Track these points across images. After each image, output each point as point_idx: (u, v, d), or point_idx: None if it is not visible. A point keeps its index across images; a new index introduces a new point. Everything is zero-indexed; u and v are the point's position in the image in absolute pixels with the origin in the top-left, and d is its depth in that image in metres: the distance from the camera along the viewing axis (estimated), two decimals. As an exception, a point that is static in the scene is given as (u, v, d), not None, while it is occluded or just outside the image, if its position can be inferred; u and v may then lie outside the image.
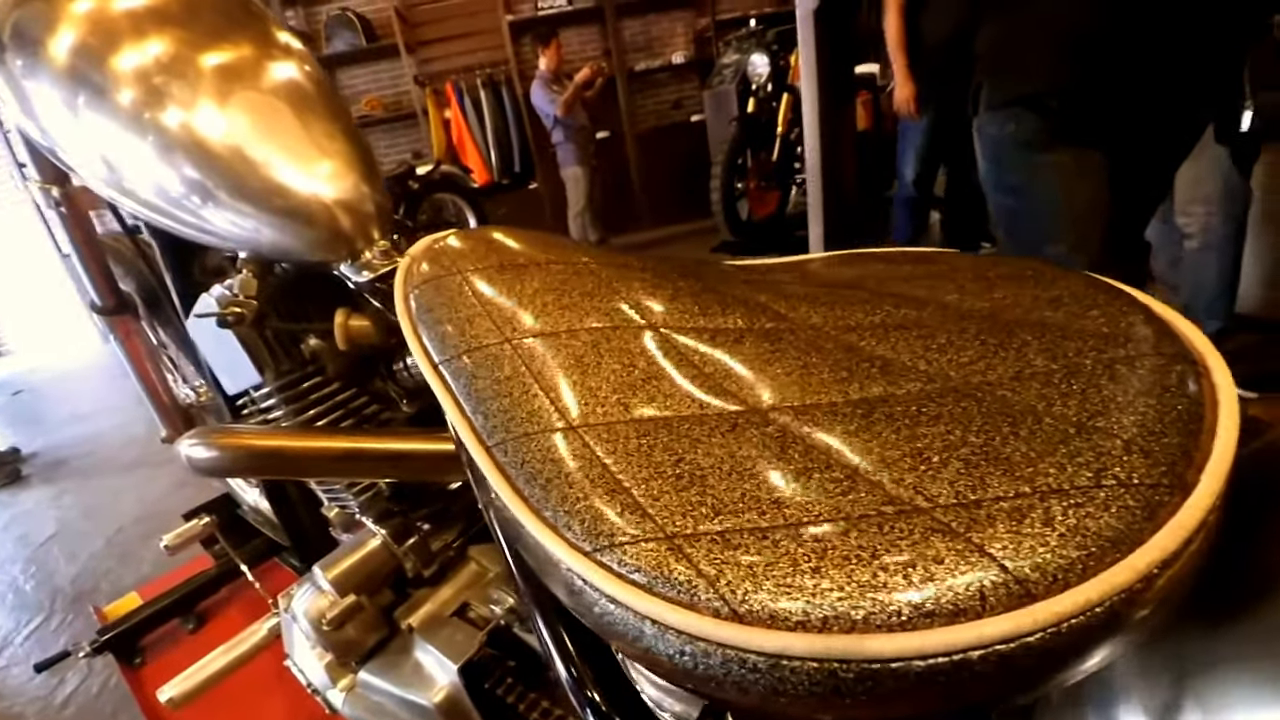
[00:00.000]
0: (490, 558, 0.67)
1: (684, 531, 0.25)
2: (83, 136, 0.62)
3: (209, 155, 0.59)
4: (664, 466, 0.28)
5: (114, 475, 3.00)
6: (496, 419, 0.32)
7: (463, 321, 0.39)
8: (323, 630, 0.61)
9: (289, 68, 0.65)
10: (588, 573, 0.25)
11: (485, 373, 0.35)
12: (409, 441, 0.56)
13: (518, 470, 0.30)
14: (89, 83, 0.61)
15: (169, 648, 1.50)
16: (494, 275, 0.42)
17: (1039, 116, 1.23)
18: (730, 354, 0.34)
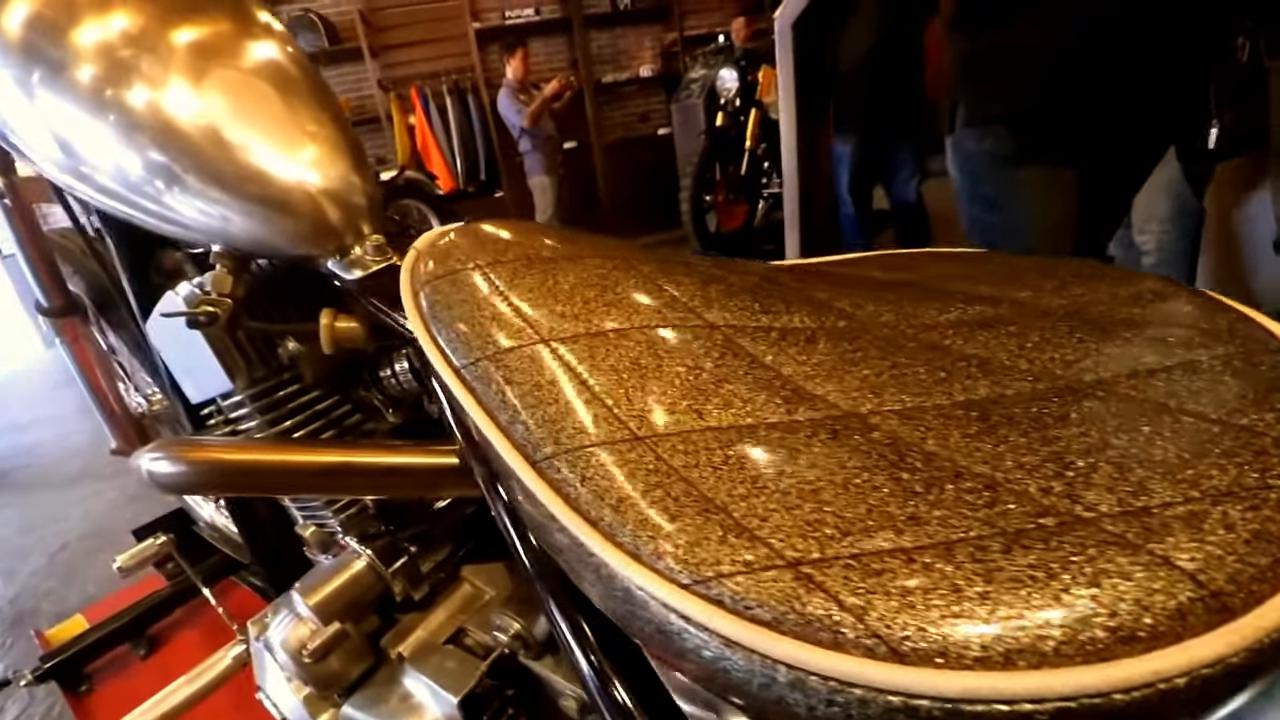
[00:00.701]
0: (486, 579, 0.62)
1: (809, 556, 0.21)
2: (38, 116, 0.57)
3: (180, 137, 0.54)
4: (762, 481, 0.24)
5: (56, 489, 2.86)
6: (542, 430, 0.29)
7: (488, 321, 0.35)
8: (303, 661, 0.56)
9: (270, 47, 0.60)
10: (691, 609, 0.21)
11: (522, 377, 0.31)
12: (402, 455, 0.51)
13: (577, 489, 0.26)
14: (44, 57, 0.56)
15: (118, 675, 1.41)
16: (520, 270, 0.38)
17: (1014, 133, 1.25)
18: (807, 354, 0.31)
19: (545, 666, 0.53)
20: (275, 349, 0.61)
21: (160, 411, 1.38)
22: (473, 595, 0.62)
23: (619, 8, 5.85)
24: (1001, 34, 1.23)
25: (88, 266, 1.14)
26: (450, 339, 0.35)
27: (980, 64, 1.30)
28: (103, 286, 1.14)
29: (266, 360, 0.62)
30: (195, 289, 0.58)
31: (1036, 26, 1.17)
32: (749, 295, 0.36)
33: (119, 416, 1.33)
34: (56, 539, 2.42)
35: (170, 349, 0.67)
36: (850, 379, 0.29)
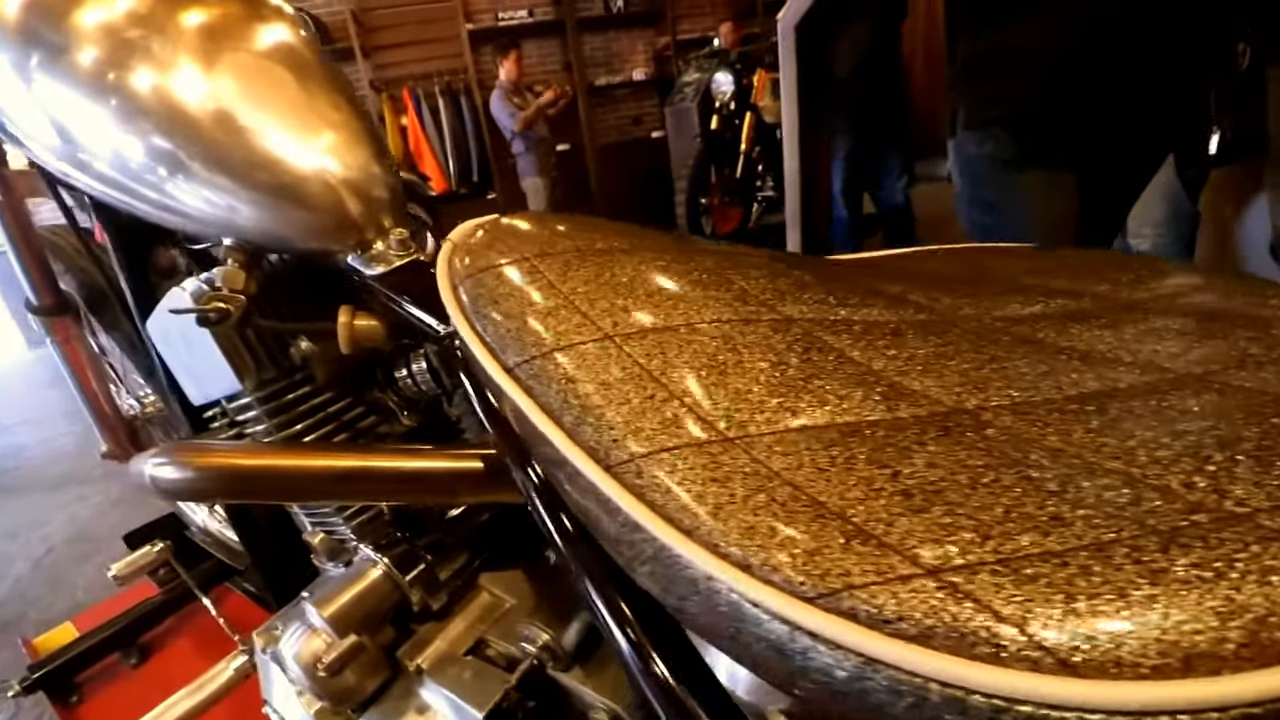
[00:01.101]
0: (505, 587, 0.60)
1: (950, 563, 0.20)
2: (37, 102, 0.55)
3: (189, 122, 0.52)
4: (878, 483, 0.23)
5: (41, 493, 2.81)
6: (615, 431, 0.27)
7: (543, 316, 0.33)
8: (318, 676, 0.53)
9: (282, 30, 0.57)
10: (819, 625, 0.20)
11: (587, 376, 0.29)
12: (423, 459, 0.49)
13: (664, 495, 0.24)
14: (43, 39, 0.53)
15: (109, 685, 1.38)
16: (572, 263, 0.36)
17: (1015, 137, 1.26)
18: (896, 349, 0.30)
19: (574, 678, 0.51)
20: (286, 348, 0.59)
21: (153, 414, 1.35)
22: (492, 604, 0.60)
23: (612, 11, 5.84)
24: (1002, 36, 1.23)
25: (80, 264, 1.11)
26: (498, 335, 0.34)
27: (981, 66, 1.30)
28: (95, 285, 1.11)
29: (277, 360, 0.59)
30: (202, 285, 0.56)
31: (1037, 29, 1.17)
32: (821, 288, 0.35)
33: (110, 419, 1.30)
34: (41, 544, 2.37)
35: (172, 348, 0.65)
36: (949, 374, 0.28)
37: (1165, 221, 1.98)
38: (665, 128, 5.31)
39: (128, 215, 0.79)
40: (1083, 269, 0.38)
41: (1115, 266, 0.37)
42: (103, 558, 2.20)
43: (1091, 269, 0.38)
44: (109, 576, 0.95)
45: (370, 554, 0.58)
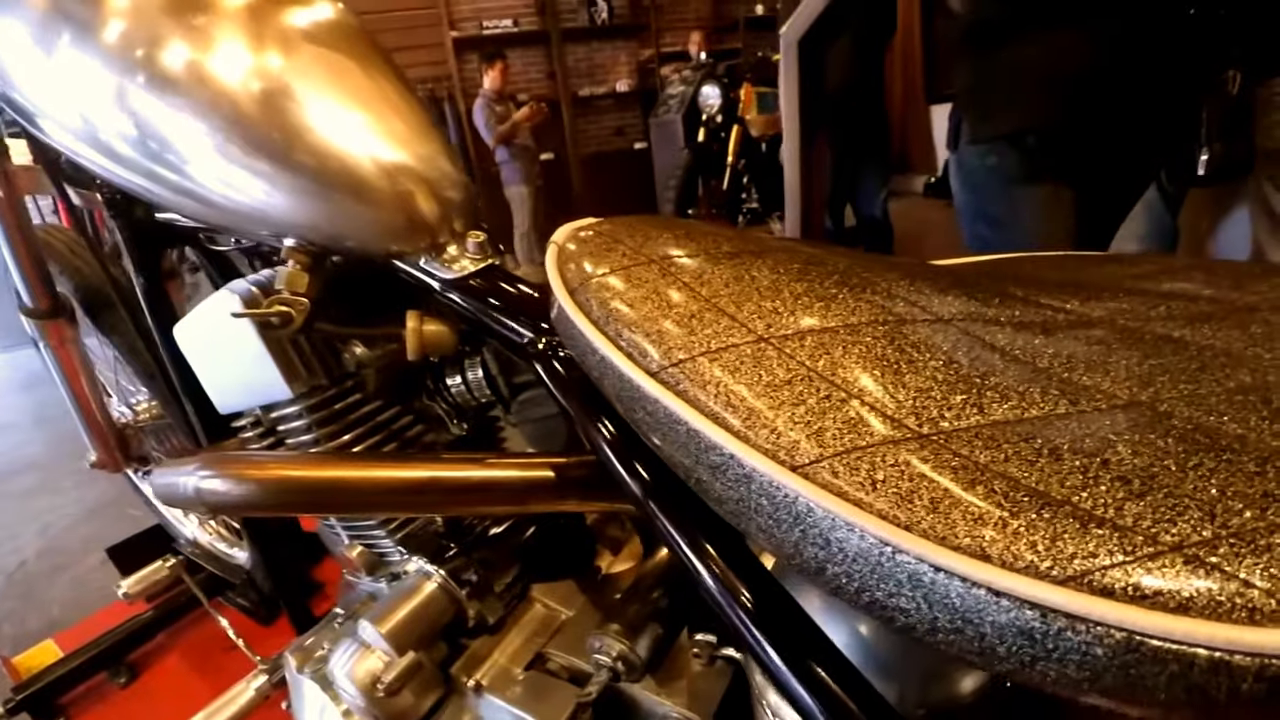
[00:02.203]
0: (559, 599, 0.58)
1: (1190, 539, 0.20)
2: (71, 85, 0.52)
3: (259, 115, 0.49)
4: (1092, 471, 0.23)
5: (10, 503, 2.71)
6: (795, 432, 0.27)
7: (687, 319, 0.32)
8: (376, 696, 0.51)
9: (342, 17, 0.54)
10: (1077, 605, 0.20)
11: (747, 378, 0.29)
12: (493, 468, 0.47)
13: (871, 492, 0.24)
14: (81, 19, 0.51)
15: (97, 705, 1.32)
16: (706, 265, 0.36)
17: (1019, 152, 1.28)
18: (1053, 347, 0.30)
19: (647, 688, 0.50)
20: (338, 354, 0.57)
21: (145, 422, 1.31)
22: (548, 617, 0.58)
23: (596, 22, 5.88)
24: (1008, 57, 1.25)
25: (75, 265, 1.07)
26: (636, 340, 0.33)
27: (987, 84, 1.32)
28: (92, 287, 1.07)
29: (328, 366, 0.57)
30: (250, 287, 0.53)
31: (1043, 49, 1.20)
32: (959, 290, 0.35)
33: (101, 427, 1.25)
34: (13, 556, 2.28)
35: (203, 354, 0.62)
36: (1113, 370, 0.28)
37: (1147, 236, 2.03)
38: (648, 139, 5.33)
39: (142, 215, 0.76)
40: (1177, 274, 0.39)
41: (1205, 270, 0.38)
42: (78, 570, 2.12)
43: (1184, 274, 0.38)
44: (119, 594, 0.91)
45: (426, 567, 0.56)
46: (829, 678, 0.30)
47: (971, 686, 0.37)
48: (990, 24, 1.26)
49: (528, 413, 0.56)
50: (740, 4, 6.16)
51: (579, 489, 0.48)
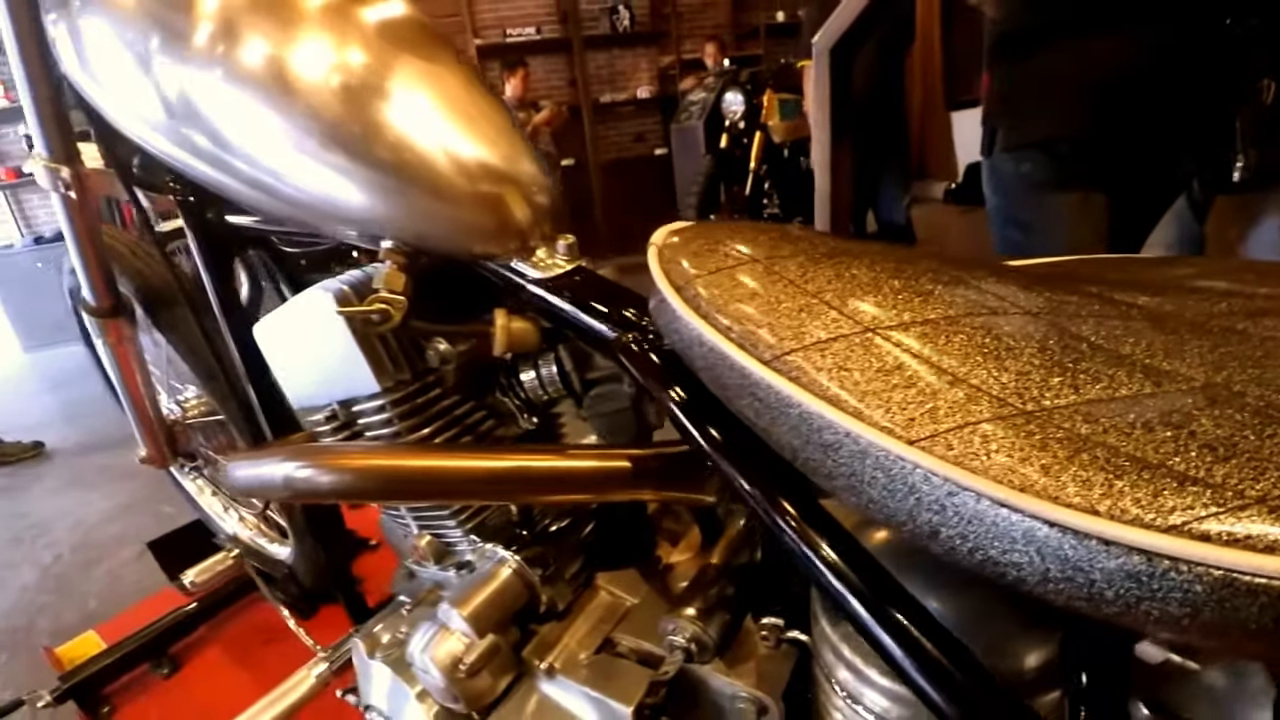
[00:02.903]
0: (623, 587, 0.61)
1: (1273, 493, 0.24)
2: (168, 86, 0.53)
3: (363, 119, 0.50)
4: (1181, 439, 0.26)
5: (42, 498, 2.76)
6: (909, 411, 0.30)
7: (798, 313, 0.35)
8: (458, 677, 0.53)
9: (424, 21, 0.55)
10: (1181, 550, 0.24)
11: (859, 364, 0.32)
12: (574, 459, 0.50)
13: (986, 461, 0.27)
14: (161, 17, 0.52)
15: (140, 696, 1.35)
16: (807, 264, 0.38)
17: (1051, 159, 1.29)
18: (1134, 336, 0.33)
19: (717, 670, 0.52)
20: (422, 351, 0.58)
21: (193, 419, 1.34)
22: (613, 604, 0.61)
23: (618, 30, 5.93)
24: (1042, 63, 1.27)
25: (135, 267, 1.10)
26: (748, 332, 0.36)
27: (1020, 91, 1.33)
28: (152, 288, 1.11)
29: (413, 362, 0.59)
30: (342, 286, 0.55)
31: (1077, 57, 1.21)
32: (1041, 285, 0.38)
33: (152, 424, 1.29)
34: (48, 551, 2.32)
35: (282, 351, 0.64)
36: (1189, 356, 0.31)
37: (1175, 243, 2.03)
38: (668, 145, 5.37)
39: (214, 218, 0.79)
40: (1231, 274, 0.41)
41: (1257, 272, 0.41)
42: (112, 564, 2.16)
43: (1237, 274, 0.41)
44: (186, 583, 0.93)
45: (502, 554, 0.59)
46: (920, 634, 0.34)
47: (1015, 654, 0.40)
48: (1024, 32, 1.28)
49: (599, 407, 0.58)
50: (760, 11, 6.21)
51: (653, 479, 0.51)
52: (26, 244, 5.20)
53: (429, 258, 0.55)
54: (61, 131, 0.81)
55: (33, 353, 5.27)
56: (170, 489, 2.47)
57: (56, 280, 3.90)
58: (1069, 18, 1.20)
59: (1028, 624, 0.40)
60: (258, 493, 0.60)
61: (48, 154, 0.82)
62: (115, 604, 1.91)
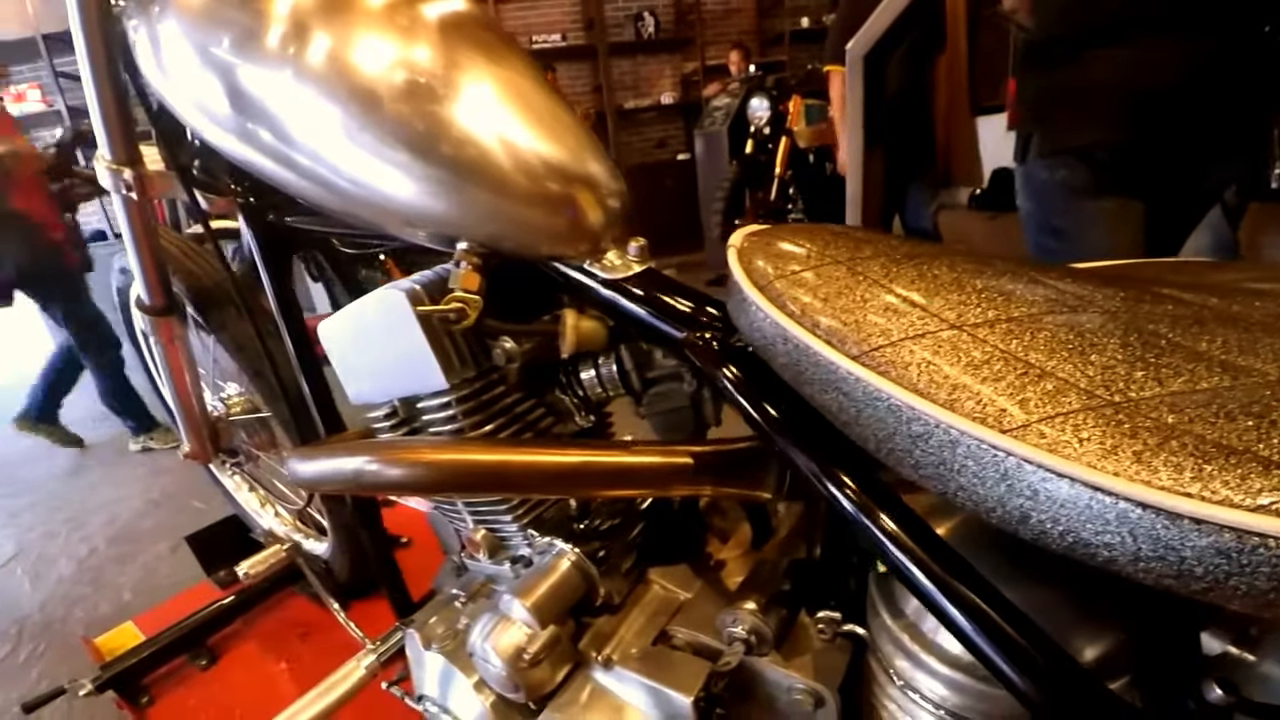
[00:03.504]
0: (676, 582, 0.62)
1: None
2: (245, 88, 0.55)
3: (441, 124, 0.51)
4: (1263, 427, 0.28)
5: (76, 493, 2.81)
6: (1000, 402, 0.31)
7: (884, 311, 0.37)
8: (520, 667, 0.55)
9: (490, 25, 0.56)
10: (1270, 527, 0.25)
11: (948, 359, 0.34)
12: (636, 454, 0.51)
13: (1079, 448, 0.29)
14: (232, 19, 0.54)
15: (178, 687, 1.37)
16: (889, 265, 0.40)
17: (1088, 166, 1.29)
18: (1209, 335, 0.34)
19: (774, 662, 0.53)
20: (488, 349, 0.60)
21: (236, 416, 1.37)
22: (666, 598, 0.62)
23: (643, 36, 5.97)
24: (1080, 71, 1.26)
25: (187, 267, 1.13)
26: (835, 329, 0.37)
27: (1057, 98, 1.33)
28: (203, 288, 1.13)
29: (478, 360, 0.60)
30: (415, 286, 0.57)
31: (1115, 66, 1.21)
32: (1113, 286, 0.39)
33: (198, 420, 1.32)
34: (83, 544, 2.37)
35: (345, 348, 0.66)
36: (1261, 352, 0.32)
37: (1209, 249, 2.02)
38: (690, 151, 5.39)
39: (274, 220, 0.81)
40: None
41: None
42: (146, 558, 2.20)
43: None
44: (240, 574, 0.95)
45: (562, 546, 0.60)
46: (1000, 618, 0.35)
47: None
48: (1060, 41, 1.27)
49: (657, 405, 0.59)
50: (784, 17, 6.22)
51: (713, 474, 0.52)
52: (62, 244, 5.31)
53: (499, 258, 0.56)
54: (125, 135, 0.84)
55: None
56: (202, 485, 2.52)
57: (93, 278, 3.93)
58: (1108, 27, 1.20)
59: (1091, 614, 0.41)
60: (323, 485, 0.61)
61: (111, 156, 0.85)
62: (149, 596, 1.94)
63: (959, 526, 0.45)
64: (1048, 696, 0.33)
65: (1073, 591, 0.41)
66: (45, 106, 4.96)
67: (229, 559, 1.66)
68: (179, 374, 1.21)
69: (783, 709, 0.53)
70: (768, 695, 0.54)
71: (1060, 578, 0.41)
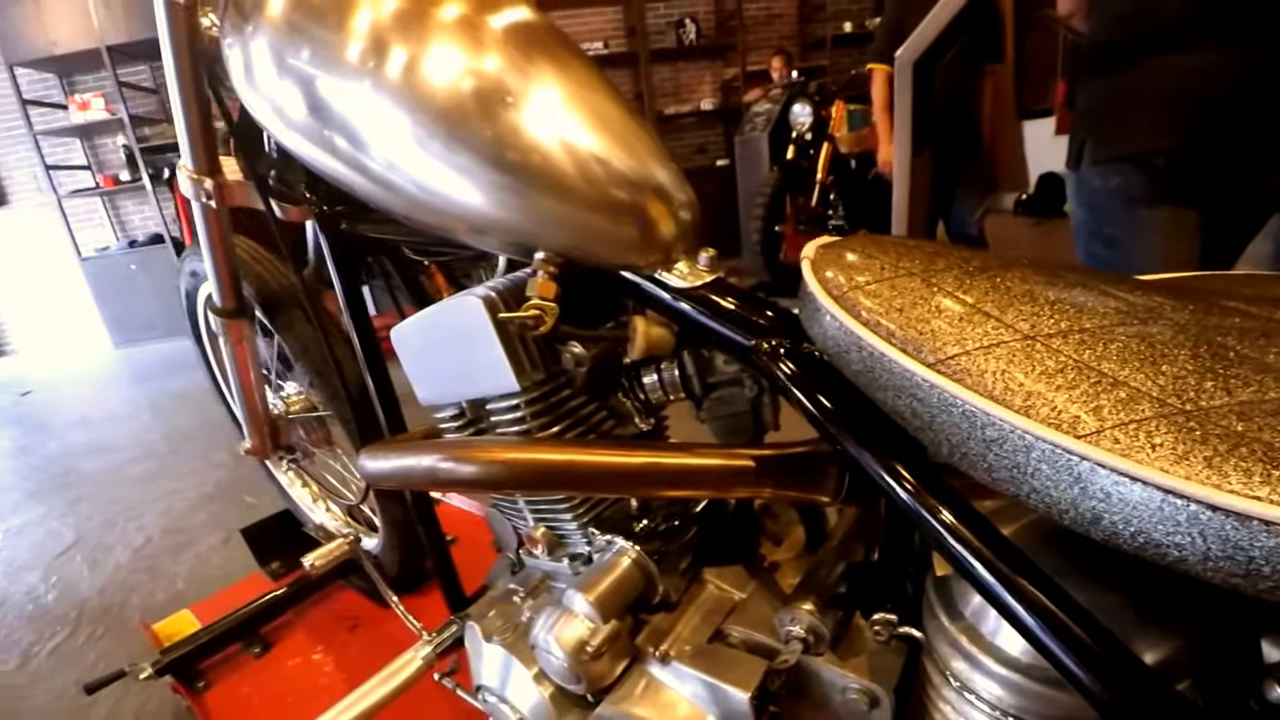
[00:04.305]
0: (731, 582, 0.64)
1: None
2: (334, 109, 0.58)
3: (529, 134, 0.53)
4: None
5: (132, 486, 2.91)
6: (1075, 409, 0.33)
7: (958, 321, 0.39)
8: (582, 659, 0.57)
9: (563, 39, 0.58)
10: None
11: (1022, 367, 0.35)
12: (700, 456, 0.53)
13: (1151, 453, 0.30)
14: (315, 35, 0.57)
15: (233, 674, 1.42)
16: (963, 277, 0.42)
17: (1145, 174, 1.26)
18: (1275, 346, 0.35)
19: (829, 661, 0.54)
20: (557, 353, 0.62)
21: (295, 414, 1.42)
22: (722, 598, 0.63)
23: (684, 43, 5.99)
24: (1138, 77, 1.24)
25: (256, 272, 1.18)
26: (911, 336, 0.39)
27: (1114, 104, 1.31)
28: (271, 292, 1.18)
29: (547, 364, 0.62)
30: (490, 293, 0.59)
31: (1175, 72, 1.19)
32: (1181, 298, 0.40)
33: (260, 418, 1.37)
34: (139, 534, 2.45)
35: (417, 351, 0.68)
36: None
37: (1269, 258, 1.96)
38: (730, 157, 5.39)
39: (347, 229, 0.85)
40: None
41: None
42: (199, 549, 2.28)
43: None
44: (306, 565, 1.00)
45: (624, 544, 0.62)
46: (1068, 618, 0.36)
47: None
48: (1118, 46, 1.26)
49: (718, 410, 0.61)
50: (826, 22, 6.20)
51: (774, 477, 0.53)
52: (121, 247, 5.54)
53: (571, 266, 0.58)
54: (208, 147, 0.88)
55: (123, 348, 5.59)
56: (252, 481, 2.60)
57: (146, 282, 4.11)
58: (1165, 34, 1.18)
59: (1151, 616, 0.42)
60: (395, 480, 0.64)
61: (194, 166, 0.89)
62: (201, 585, 2.01)
63: (1019, 531, 0.46)
64: (1114, 694, 0.34)
65: (1132, 594, 0.42)
66: (108, 115, 5.16)
67: (280, 552, 1.73)
68: (245, 373, 1.26)
69: (837, 709, 0.55)
70: (822, 694, 0.55)
71: (1118, 581, 0.42)
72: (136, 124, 5.14)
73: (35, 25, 4.75)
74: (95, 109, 5.14)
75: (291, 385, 1.44)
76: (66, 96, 5.32)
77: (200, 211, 0.96)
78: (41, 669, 1.81)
